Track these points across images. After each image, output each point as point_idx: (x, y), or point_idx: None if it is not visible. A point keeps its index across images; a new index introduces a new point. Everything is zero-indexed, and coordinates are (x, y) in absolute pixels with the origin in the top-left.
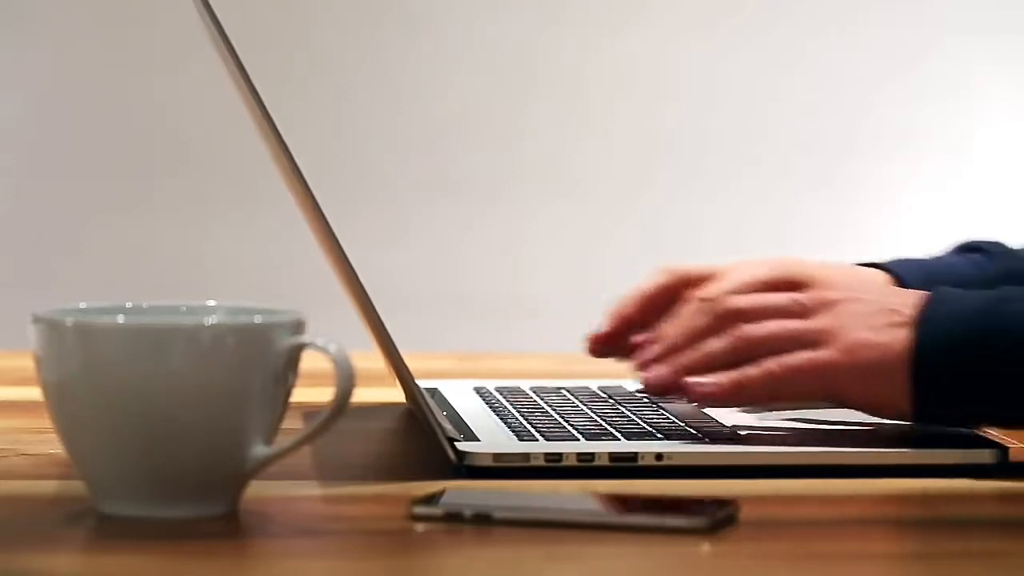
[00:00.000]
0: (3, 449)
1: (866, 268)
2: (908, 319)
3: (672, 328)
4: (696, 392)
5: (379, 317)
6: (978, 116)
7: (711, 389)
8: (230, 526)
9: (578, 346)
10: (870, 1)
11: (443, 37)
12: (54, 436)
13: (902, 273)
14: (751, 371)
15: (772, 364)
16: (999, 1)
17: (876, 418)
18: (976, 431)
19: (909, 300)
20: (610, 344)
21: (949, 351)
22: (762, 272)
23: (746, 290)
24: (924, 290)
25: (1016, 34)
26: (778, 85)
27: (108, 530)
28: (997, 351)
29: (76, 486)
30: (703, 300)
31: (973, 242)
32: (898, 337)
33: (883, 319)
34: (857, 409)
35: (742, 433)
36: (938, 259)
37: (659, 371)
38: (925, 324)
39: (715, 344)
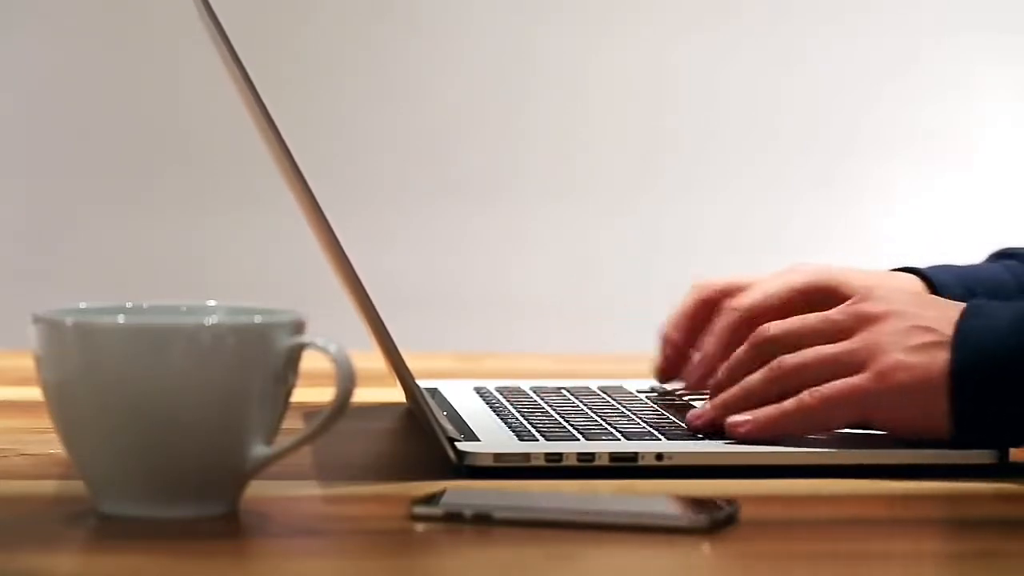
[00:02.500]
0: (3, 449)
1: (902, 273)
2: (944, 338)
3: (709, 346)
4: (736, 433)
5: (379, 317)
6: (980, 116)
7: (748, 428)
8: (230, 526)
9: (578, 346)
10: (871, 1)
11: (443, 37)
12: (54, 436)
13: (938, 280)
14: (787, 406)
15: (807, 397)
16: (1000, 1)
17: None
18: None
19: (945, 314)
20: (671, 373)
21: (986, 369)
22: (797, 281)
23: (778, 301)
24: (961, 299)
25: (1017, 34)
26: (778, 85)
27: (108, 530)
28: None
29: (76, 486)
30: (733, 309)
31: (1009, 249)
32: (936, 359)
33: (919, 338)
34: (894, 434)
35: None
36: (975, 266)
37: (702, 414)
38: (961, 345)
39: (753, 379)
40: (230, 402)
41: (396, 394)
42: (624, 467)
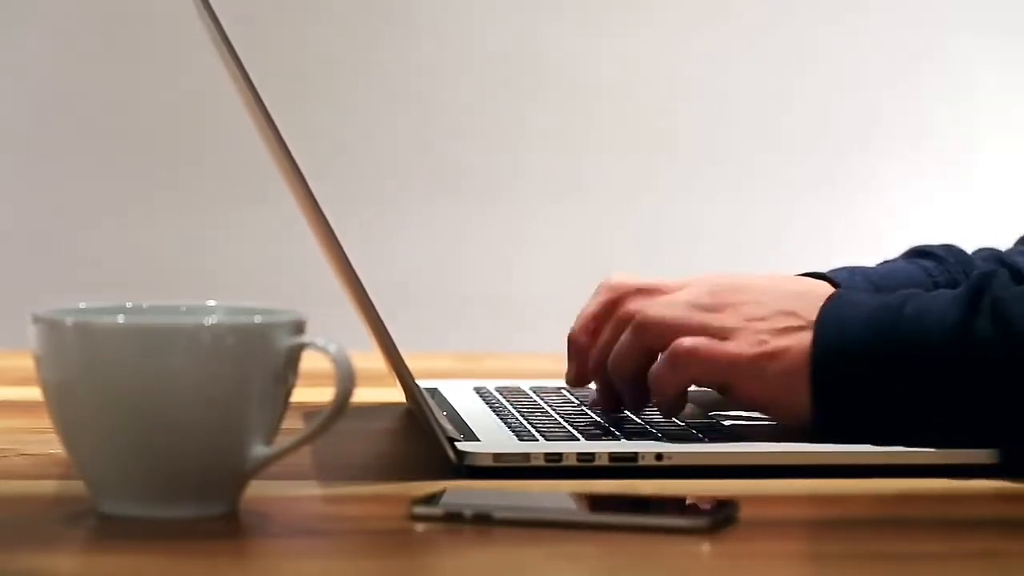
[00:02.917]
0: (3, 449)
1: (809, 279)
2: (807, 322)
3: (577, 327)
4: (633, 409)
5: (379, 317)
6: (984, 117)
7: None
8: (230, 526)
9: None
10: (876, 3)
11: (444, 36)
12: (54, 436)
13: (845, 283)
14: (657, 364)
15: (676, 345)
16: (1004, 2)
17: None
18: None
19: (809, 302)
20: (582, 378)
21: (847, 356)
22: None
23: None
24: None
25: (1020, 37)
26: (781, 86)
27: (108, 530)
28: (895, 357)
29: (76, 486)
30: (604, 288)
31: (924, 247)
32: (798, 340)
33: (783, 322)
34: (758, 411)
35: (740, 430)
36: (887, 265)
37: (597, 400)
38: (823, 328)
39: (623, 340)
40: (230, 402)
41: (396, 394)
42: (624, 467)
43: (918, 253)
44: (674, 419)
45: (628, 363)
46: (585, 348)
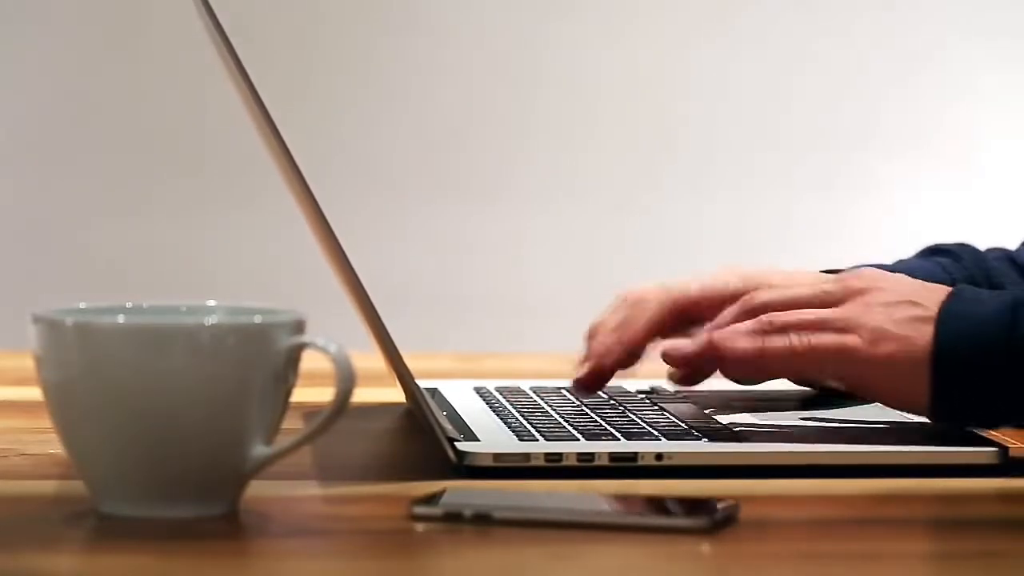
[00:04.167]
0: (3, 449)
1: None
2: (930, 313)
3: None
4: (721, 351)
5: (379, 317)
6: (984, 119)
7: (733, 349)
8: (230, 526)
9: (578, 346)
10: (876, 4)
11: (445, 36)
12: (54, 436)
13: None
14: (774, 343)
15: (795, 339)
16: (1004, 3)
17: (897, 412)
18: (985, 432)
19: (931, 293)
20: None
21: (970, 350)
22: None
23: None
24: None
25: (1020, 38)
26: (783, 87)
27: (108, 530)
28: (1014, 354)
29: (76, 486)
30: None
31: (939, 245)
32: (921, 332)
33: (906, 312)
34: (877, 400)
35: (739, 430)
36: (904, 263)
37: (688, 344)
38: (947, 321)
39: (742, 324)
40: (230, 402)
41: (396, 394)
42: (624, 467)
43: (934, 251)
44: (674, 419)
45: (739, 351)
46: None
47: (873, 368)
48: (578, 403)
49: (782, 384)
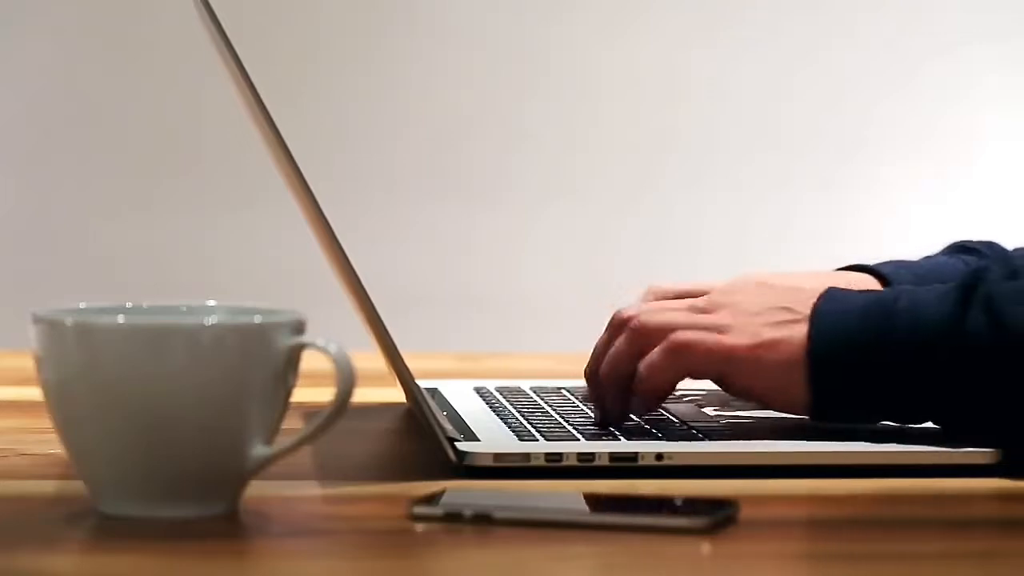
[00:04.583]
0: (3, 449)
1: (853, 272)
2: (801, 316)
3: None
4: (636, 411)
5: (379, 317)
6: (984, 120)
7: (640, 398)
8: (230, 526)
9: (579, 346)
10: (876, 5)
11: (446, 36)
12: (54, 436)
13: (890, 275)
14: (653, 353)
15: (672, 337)
16: (1004, 4)
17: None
18: (876, 426)
19: (806, 299)
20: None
21: (841, 345)
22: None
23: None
24: None
25: (1021, 39)
26: (783, 88)
27: (108, 530)
28: (887, 346)
29: (76, 486)
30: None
31: (965, 242)
32: (795, 332)
33: (779, 316)
34: (756, 401)
35: (740, 430)
36: (930, 260)
37: (596, 412)
38: (818, 319)
39: (617, 345)
40: (230, 402)
41: (396, 394)
42: (624, 467)
43: (959, 248)
44: (674, 419)
45: (623, 367)
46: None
47: (750, 366)
48: (578, 403)
49: None
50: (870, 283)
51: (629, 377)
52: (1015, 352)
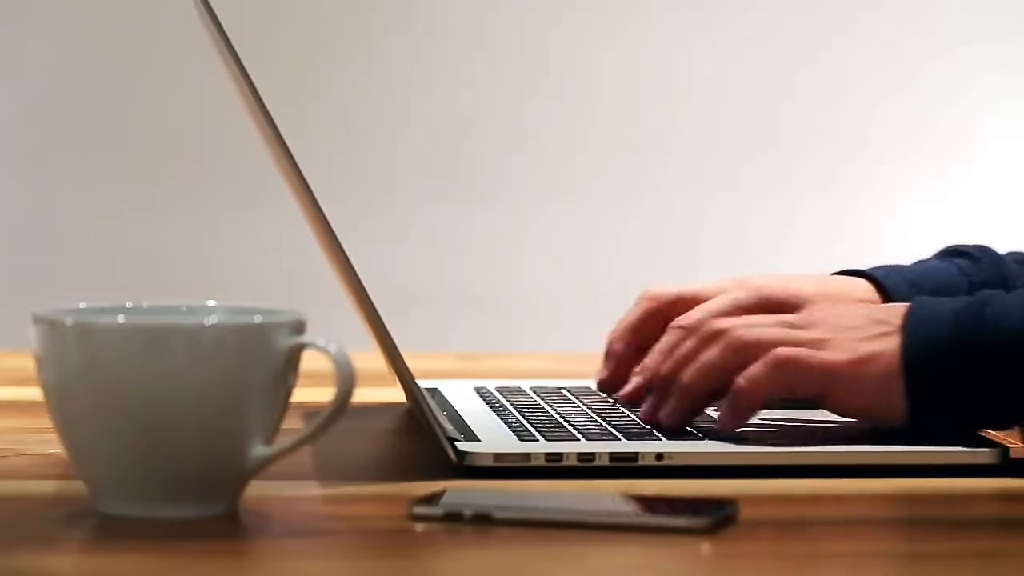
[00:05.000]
0: (3, 449)
1: (847, 277)
2: (896, 328)
3: (652, 360)
4: (723, 423)
5: (379, 317)
6: (984, 121)
7: (724, 416)
8: (230, 526)
9: (579, 346)
10: (876, 5)
11: (446, 36)
12: (54, 436)
13: (885, 280)
14: (755, 367)
15: (776, 352)
16: (1004, 4)
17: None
18: (974, 432)
19: (894, 311)
20: (615, 386)
21: (936, 353)
22: (743, 296)
23: (727, 315)
24: (907, 297)
25: (1021, 40)
26: (783, 88)
27: (108, 530)
28: (981, 352)
29: (76, 486)
30: (681, 327)
31: (958, 247)
32: (890, 345)
33: (874, 329)
34: (853, 417)
35: (740, 430)
36: (922, 264)
37: (664, 409)
38: (911, 329)
39: (712, 355)
40: (230, 402)
41: (396, 394)
42: (624, 467)
43: (952, 252)
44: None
45: (714, 379)
46: (622, 355)
47: (850, 382)
48: (578, 403)
49: None
50: (865, 288)
51: (713, 389)
52: None
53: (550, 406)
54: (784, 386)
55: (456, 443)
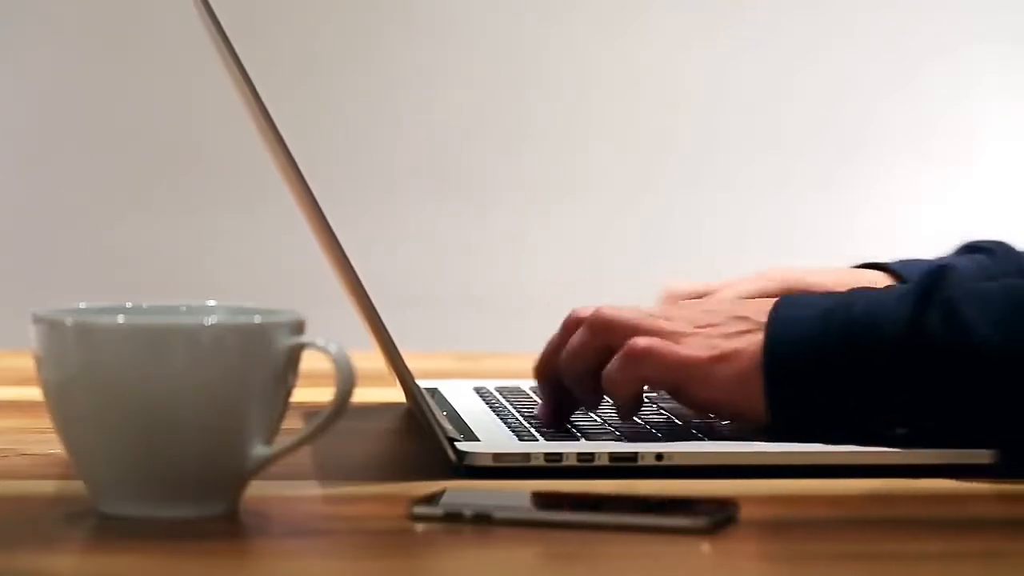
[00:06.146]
0: (3, 449)
1: (868, 270)
2: (760, 325)
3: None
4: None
5: (379, 317)
6: (984, 121)
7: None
8: (230, 526)
9: None
10: (876, 6)
11: (446, 36)
12: (54, 436)
13: (904, 273)
14: (614, 360)
15: (631, 343)
16: (1004, 4)
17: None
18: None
19: (762, 307)
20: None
21: (798, 351)
22: (758, 291)
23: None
24: None
25: (1020, 41)
26: (783, 89)
27: (108, 530)
28: (848, 351)
29: (76, 486)
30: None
31: (977, 242)
32: (751, 341)
33: (734, 327)
34: (707, 412)
35: (739, 430)
36: (943, 260)
37: (539, 410)
38: (773, 327)
39: (576, 337)
40: (230, 402)
41: (396, 394)
42: (624, 467)
43: (971, 248)
44: (674, 419)
45: (580, 361)
46: None
47: (706, 377)
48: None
49: None
50: (883, 281)
51: (587, 373)
52: (972, 354)
53: None
54: (639, 377)
55: (456, 443)
